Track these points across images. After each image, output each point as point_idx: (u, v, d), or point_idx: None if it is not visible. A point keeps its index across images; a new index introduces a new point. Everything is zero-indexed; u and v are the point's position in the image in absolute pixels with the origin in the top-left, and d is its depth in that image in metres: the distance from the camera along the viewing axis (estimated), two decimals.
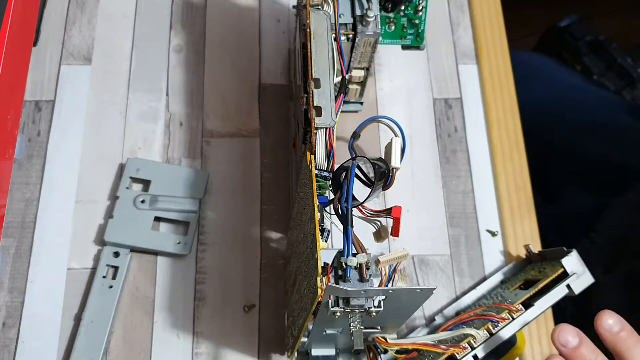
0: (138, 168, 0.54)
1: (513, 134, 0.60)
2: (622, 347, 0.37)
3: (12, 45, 0.47)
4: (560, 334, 0.36)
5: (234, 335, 0.51)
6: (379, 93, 0.61)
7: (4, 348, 0.49)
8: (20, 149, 0.54)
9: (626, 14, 1.22)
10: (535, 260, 0.53)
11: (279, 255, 0.54)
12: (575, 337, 0.36)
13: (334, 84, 0.42)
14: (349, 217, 0.36)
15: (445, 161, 0.59)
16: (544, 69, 0.82)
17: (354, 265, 0.34)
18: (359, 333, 0.36)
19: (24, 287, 0.51)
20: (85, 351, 0.48)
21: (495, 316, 0.44)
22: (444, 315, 0.52)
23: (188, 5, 0.63)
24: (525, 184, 0.58)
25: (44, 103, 0.57)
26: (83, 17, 0.61)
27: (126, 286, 0.52)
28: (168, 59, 0.60)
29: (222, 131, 0.58)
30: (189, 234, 0.53)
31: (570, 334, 0.36)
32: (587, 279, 0.47)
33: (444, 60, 0.63)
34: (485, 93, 0.61)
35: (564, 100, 0.77)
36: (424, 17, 0.50)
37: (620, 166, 0.71)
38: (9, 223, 0.53)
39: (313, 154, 0.39)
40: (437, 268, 0.55)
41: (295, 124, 0.51)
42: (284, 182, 0.56)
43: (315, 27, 0.43)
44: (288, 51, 0.62)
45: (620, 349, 0.37)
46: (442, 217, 0.57)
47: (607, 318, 0.37)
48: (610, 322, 0.37)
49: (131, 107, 0.58)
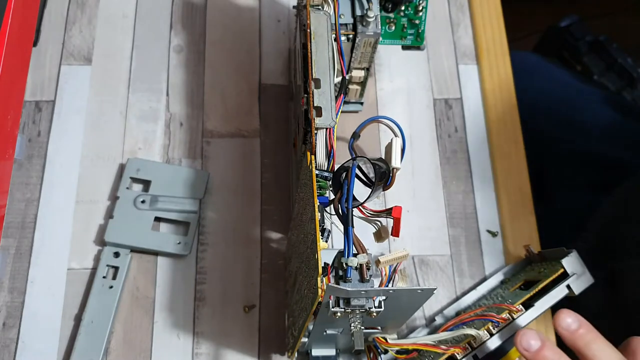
0: (138, 168, 0.54)
1: (513, 134, 0.60)
2: (580, 344, 0.38)
3: (12, 45, 0.47)
4: (522, 338, 0.37)
5: (234, 335, 0.51)
6: (379, 93, 0.61)
7: (4, 348, 0.49)
8: (20, 149, 0.54)
9: (626, 14, 1.22)
10: (535, 260, 0.53)
11: (279, 255, 0.54)
12: (537, 340, 0.37)
13: (334, 84, 0.42)
14: (349, 217, 0.36)
15: (445, 161, 0.59)
16: (541, 68, 0.82)
17: (354, 265, 0.34)
18: (359, 333, 0.36)
19: (24, 287, 0.51)
20: (85, 351, 0.48)
21: (495, 316, 0.44)
22: (444, 315, 0.52)
23: (188, 5, 0.63)
24: (524, 184, 0.58)
25: (44, 103, 0.57)
26: (83, 17, 0.61)
27: (126, 286, 0.52)
28: (168, 59, 0.60)
29: (222, 131, 0.58)
30: (189, 234, 0.53)
31: (532, 338, 0.37)
32: (587, 279, 0.47)
33: (444, 60, 0.63)
34: (485, 93, 0.61)
35: (562, 100, 0.77)
36: (424, 17, 0.50)
37: (616, 165, 0.72)
38: (9, 223, 0.53)
39: (313, 154, 0.39)
40: (437, 268, 0.55)
41: (295, 124, 0.51)
42: (284, 182, 0.56)
43: (315, 27, 0.43)
44: (288, 51, 0.62)
45: (579, 345, 0.38)
46: (442, 217, 0.57)
47: (564, 317, 0.38)
48: (568, 320, 0.38)
49: (131, 107, 0.58)
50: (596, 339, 0.38)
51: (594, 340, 0.38)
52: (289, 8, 0.63)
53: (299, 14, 0.50)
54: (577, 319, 0.38)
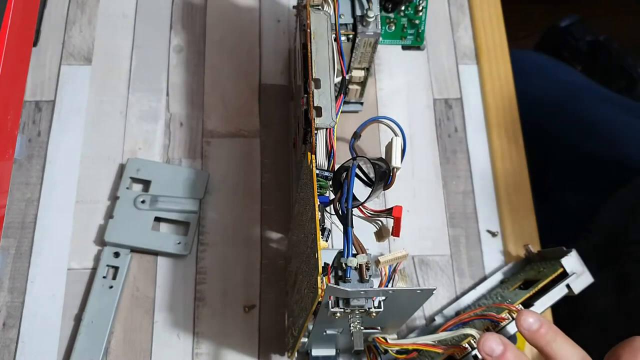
0: (138, 168, 0.54)
1: (513, 134, 0.60)
2: (542, 343, 0.39)
3: (12, 45, 0.47)
4: (485, 343, 0.38)
5: (234, 335, 0.51)
6: (379, 93, 0.61)
7: (4, 348, 0.49)
8: (20, 149, 0.54)
9: (626, 14, 1.22)
10: (535, 260, 0.53)
11: (279, 255, 0.54)
12: (499, 345, 0.37)
13: (334, 84, 0.42)
14: (349, 218, 0.36)
15: (445, 161, 0.59)
16: (542, 66, 0.82)
17: (353, 265, 0.34)
18: (359, 333, 0.36)
19: (24, 287, 0.51)
20: (85, 351, 0.48)
21: (495, 316, 0.44)
22: (444, 315, 0.52)
23: (188, 5, 0.63)
24: (525, 184, 0.58)
25: (44, 103, 0.57)
26: (83, 17, 0.61)
27: (126, 286, 0.52)
28: (168, 59, 0.60)
29: (222, 131, 0.58)
30: (189, 234, 0.53)
31: (494, 342, 0.37)
32: (587, 279, 0.47)
33: (444, 60, 0.63)
34: (485, 93, 0.61)
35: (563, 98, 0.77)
36: (424, 17, 0.50)
37: (616, 165, 0.71)
38: (9, 223, 0.53)
39: (313, 154, 0.39)
40: (437, 268, 0.55)
41: (295, 124, 0.51)
42: (284, 182, 0.56)
43: (315, 27, 0.43)
44: (288, 51, 0.62)
45: (540, 344, 0.39)
46: (442, 217, 0.57)
47: (526, 317, 0.39)
48: (530, 320, 0.39)
49: (131, 107, 0.58)
50: (556, 337, 0.38)
51: (554, 338, 0.38)
52: (289, 8, 0.63)
53: (299, 14, 0.50)
54: (538, 318, 0.39)
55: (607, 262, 0.61)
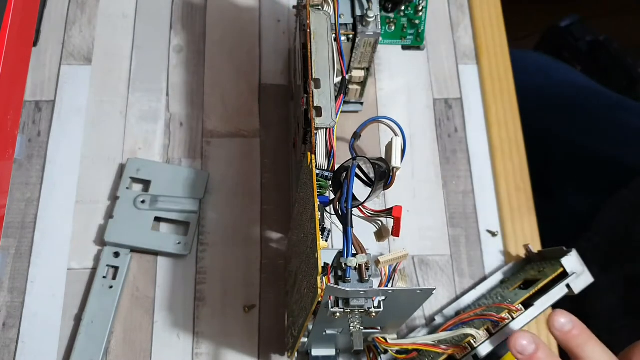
0: (138, 168, 0.54)
1: (513, 134, 0.60)
2: (573, 345, 0.38)
3: (12, 45, 0.47)
4: (517, 341, 0.37)
5: (234, 335, 0.51)
6: (379, 93, 0.61)
7: (4, 348, 0.49)
8: (20, 149, 0.54)
9: (626, 14, 1.22)
10: (535, 259, 0.53)
11: (279, 255, 0.54)
12: (531, 344, 0.37)
13: (334, 84, 0.42)
14: (349, 218, 0.36)
15: (445, 161, 0.59)
16: (542, 66, 0.82)
17: (353, 265, 0.34)
18: (359, 333, 0.36)
19: (24, 287, 0.51)
20: (85, 351, 0.48)
21: (495, 316, 0.44)
22: (444, 315, 0.52)
23: (188, 5, 0.63)
24: (525, 184, 0.58)
25: (44, 103, 0.57)
26: (83, 17, 0.61)
27: (126, 286, 0.52)
28: (168, 59, 0.60)
29: (222, 131, 0.58)
30: (189, 234, 0.53)
31: (526, 340, 0.37)
32: (587, 279, 0.47)
33: (444, 60, 0.63)
34: (485, 93, 0.61)
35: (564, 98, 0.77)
36: (424, 17, 0.50)
37: (617, 165, 0.71)
38: (9, 223, 0.53)
39: (313, 154, 0.39)
40: (437, 268, 0.55)
41: (295, 124, 0.51)
42: (284, 182, 0.56)
43: (315, 27, 0.43)
44: (288, 51, 0.62)
45: (572, 346, 0.38)
46: (442, 217, 0.57)
47: (558, 317, 0.38)
48: (562, 321, 0.38)
49: (131, 107, 0.58)
50: (589, 340, 0.38)
51: (587, 341, 0.38)
52: (289, 8, 0.63)
53: (299, 14, 0.50)
54: (571, 319, 0.38)
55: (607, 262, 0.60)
